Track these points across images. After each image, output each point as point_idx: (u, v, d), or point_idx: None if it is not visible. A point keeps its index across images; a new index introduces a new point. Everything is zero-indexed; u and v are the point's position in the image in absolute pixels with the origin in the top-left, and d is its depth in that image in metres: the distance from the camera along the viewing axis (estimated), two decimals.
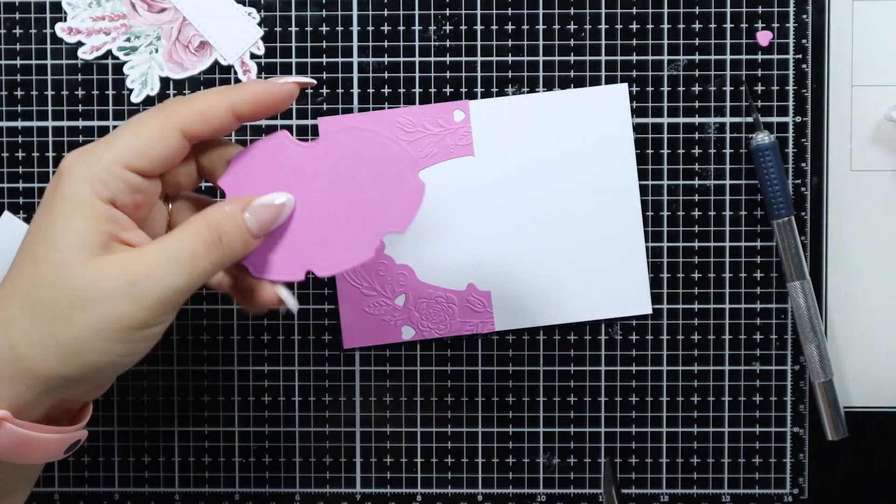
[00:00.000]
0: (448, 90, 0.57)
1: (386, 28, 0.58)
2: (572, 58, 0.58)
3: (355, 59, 0.58)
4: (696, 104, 0.58)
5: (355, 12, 0.58)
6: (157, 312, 0.42)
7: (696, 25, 0.57)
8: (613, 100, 0.57)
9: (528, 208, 0.57)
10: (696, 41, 0.57)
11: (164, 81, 0.58)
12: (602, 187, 0.57)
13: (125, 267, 0.41)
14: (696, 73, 0.58)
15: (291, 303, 0.45)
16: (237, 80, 0.57)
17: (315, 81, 0.46)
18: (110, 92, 0.58)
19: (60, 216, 0.42)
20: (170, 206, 0.47)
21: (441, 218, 0.57)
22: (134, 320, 0.41)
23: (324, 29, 0.58)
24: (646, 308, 0.58)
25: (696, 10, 0.57)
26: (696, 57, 0.58)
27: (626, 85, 0.57)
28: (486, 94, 0.58)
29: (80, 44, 0.57)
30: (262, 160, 0.45)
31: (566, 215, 0.57)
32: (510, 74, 0.58)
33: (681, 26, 0.57)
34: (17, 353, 0.42)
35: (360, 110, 0.58)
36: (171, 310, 0.43)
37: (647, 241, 0.58)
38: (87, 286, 0.41)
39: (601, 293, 0.57)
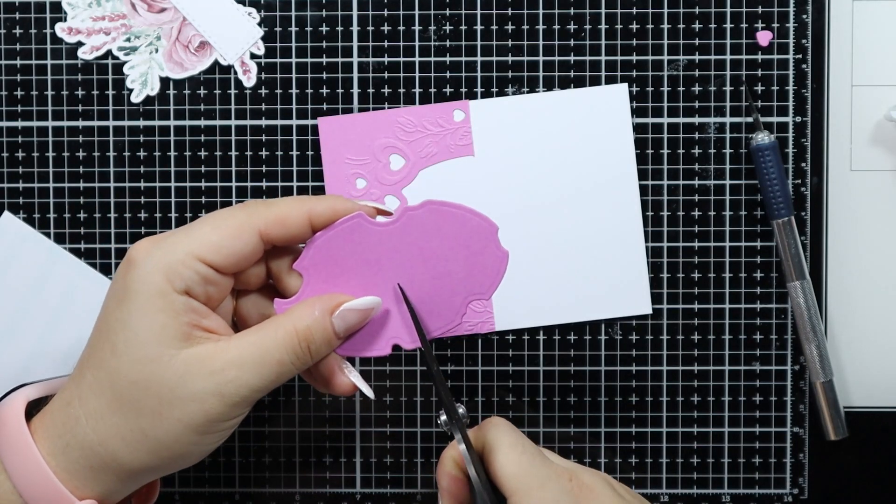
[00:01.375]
0: (448, 90, 0.57)
1: (386, 28, 0.58)
2: (572, 58, 0.58)
3: (355, 59, 0.58)
4: (696, 104, 0.58)
5: (355, 12, 0.58)
6: (243, 408, 0.43)
7: (696, 25, 0.57)
8: (613, 100, 0.57)
9: (529, 208, 0.57)
10: (696, 41, 0.57)
11: (164, 81, 0.58)
12: (602, 187, 0.57)
13: (212, 366, 0.42)
14: (696, 73, 0.58)
15: (367, 391, 0.45)
16: (237, 81, 0.58)
17: (389, 210, 0.46)
18: (110, 92, 0.58)
19: (137, 308, 0.42)
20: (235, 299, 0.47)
21: None
22: (222, 416, 0.42)
23: (324, 29, 0.58)
24: (646, 308, 0.58)
25: (696, 10, 0.57)
26: (696, 57, 0.58)
27: (626, 85, 0.57)
28: (486, 94, 0.58)
29: (80, 44, 0.57)
30: (339, 242, 0.44)
31: (566, 215, 0.57)
32: (510, 74, 0.58)
33: (681, 26, 0.57)
34: (109, 448, 0.42)
35: (360, 110, 0.58)
36: (253, 403, 0.43)
37: (647, 241, 0.58)
38: (175, 384, 0.41)
39: (601, 293, 0.57)
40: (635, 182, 0.57)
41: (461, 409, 0.44)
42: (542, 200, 0.57)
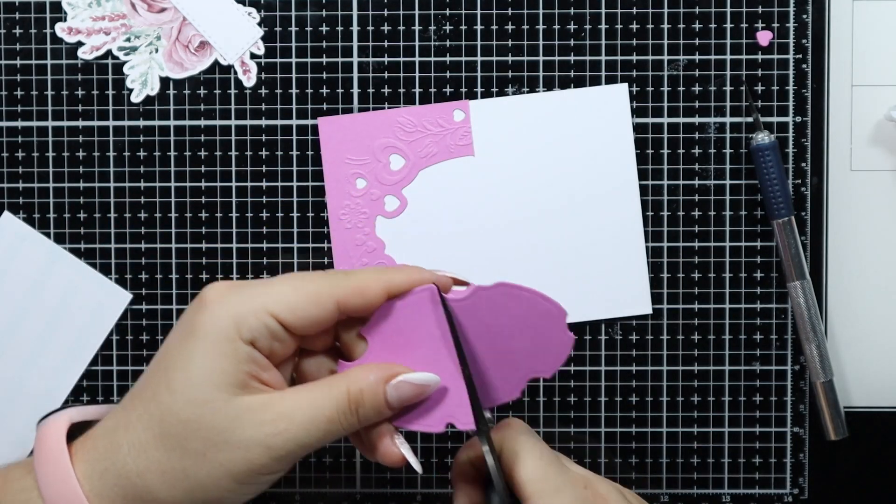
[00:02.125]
0: (448, 90, 0.57)
1: (386, 28, 0.58)
2: (572, 58, 0.58)
3: (355, 59, 0.58)
4: (696, 104, 0.58)
5: (355, 12, 0.58)
6: (285, 463, 0.43)
7: (696, 25, 0.57)
8: (613, 100, 0.57)
9: (528, 208, 0.57)
10: (696, 41, 0.57)
11: (164, 81, 0.58)
12: (602, 187, 0.57)
13: (263, 417, 0.42)
14: (696, 73, 0.58)
15: (416, 465, 0.45)
16: (237, 81, 0.57)
17: (466, 281, 0.46)
18: (110, 92, 0.58)
19: (201, 350, 0.42)
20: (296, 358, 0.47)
21: (441, 218, 0.57)
22: (264, 468, 0.42)
23: (324, 29, 0.58)
24: (646, 308, 0.58)
25: (696, 10, 0.57)
26: (696, 57, 0.58)
27: (626, 85, 0.57)
28: (486, 94, 0.58)
29: (80, 44, 0.57)
30: (407, 312, 0.44)
31: (566, 215, 0.57)
32: (510, 74, 0.58)
33: (681, 26, 0.57)
34: (146, 481, 0.42)
35: (361, 110, 0.58)
36: (297, 459, 0.43)
37: (647, 241, 0.58)
38: (224, 429, 0.42)
39: (601, 293, 0.57)
40: (635, 182, 0.57)
41: (487, 415, 0.44)
42: (542, 200, 0.57)
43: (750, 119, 0.57)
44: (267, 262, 0.58)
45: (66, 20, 0.57)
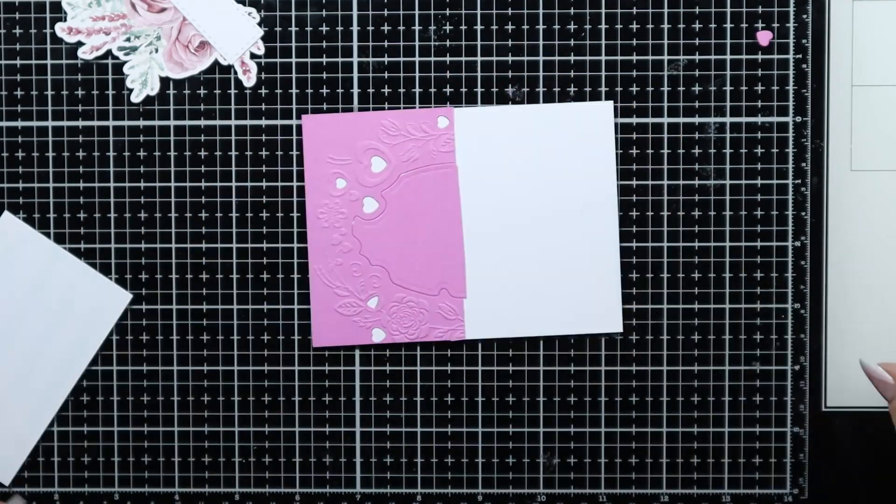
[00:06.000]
0: (448, 90, 0.57)
1: (386, 28, 0.58)
2: (572, 58, 0.58)
3: (355, 59, 0.58)
4: (696, 104, 0.58)
5: (355, 12, 0.58)
6: None
7: (696, 25, 0.57)
8: (598, 116, 0.57)
9: (507, 218, 0.57)
10: (696, 41, 0.57)
11: (164, 81, 0.58)
12: (581, 203, 0.57)
13: None
14: (696, 73, 0.58)
15: None
16: (237, 81, 0.57)
17: None
18: (110, 92, 0.58)
19: None
20: None
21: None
22: None
23: (324, 29, 0.58)
24: (616, 326, 0.57)
25: (696, 10, 0.57)
26: (696, 57, 0.58)
27: (611, 102, 0.57)
28: (486, 95, 0.58)
29: (80, 44, 0.57)
30: None
31: (543, 228, 0.57)
32: (510, 74, 0.58)
33: (681, 26, 0.57)
34: None
35: (361, 110, 0.58)
36: None
37: (647, 241, 0.58)
38: None
39: (573, 309, 0.57)
40: (614, 200, 0.57)
41: None
42: (521, 212, 0.57)
43: (750, 119, 0.57)
44: (267, 262, 0.58)
45: (66, 20, 0.57)
